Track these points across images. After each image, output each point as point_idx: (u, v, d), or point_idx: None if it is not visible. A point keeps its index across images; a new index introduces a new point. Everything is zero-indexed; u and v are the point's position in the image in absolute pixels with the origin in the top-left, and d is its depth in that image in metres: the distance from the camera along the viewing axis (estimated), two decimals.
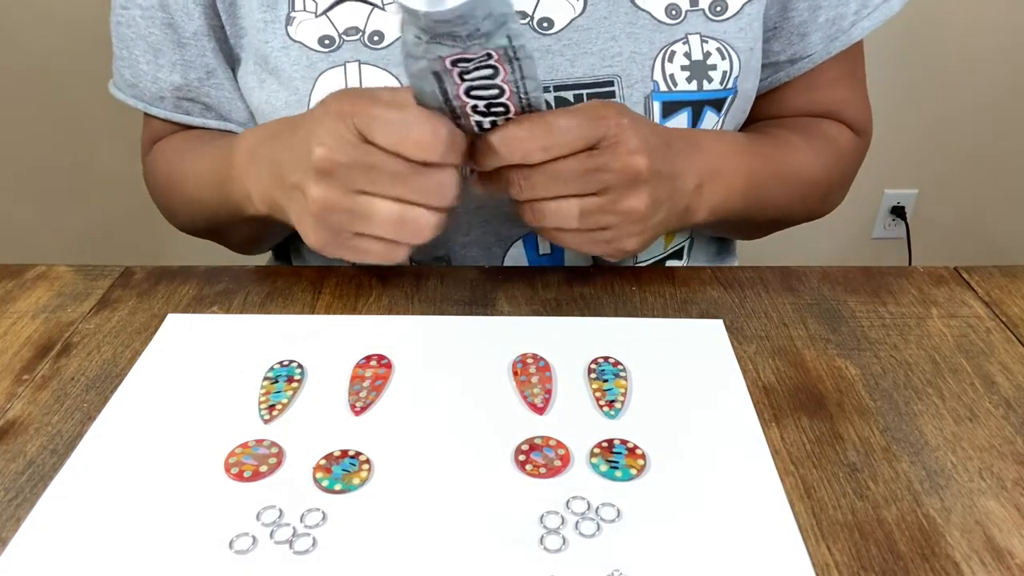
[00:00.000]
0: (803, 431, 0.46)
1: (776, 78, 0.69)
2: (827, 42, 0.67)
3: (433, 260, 0.67)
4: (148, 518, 0.40)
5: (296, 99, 0.61)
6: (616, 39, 0.60)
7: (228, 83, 0.67)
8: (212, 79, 0.67)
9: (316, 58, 0.60)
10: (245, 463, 0.43)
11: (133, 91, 0.69)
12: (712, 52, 0.62)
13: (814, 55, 0.67)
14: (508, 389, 0.49)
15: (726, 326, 0.54)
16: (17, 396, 0.48)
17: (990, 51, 1.79)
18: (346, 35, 0.60)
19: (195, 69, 0.66)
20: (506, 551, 0.38)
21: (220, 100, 0.68)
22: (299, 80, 0.61)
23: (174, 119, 0.69)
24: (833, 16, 0.66)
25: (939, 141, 1.91)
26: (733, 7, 0.62)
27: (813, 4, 0.65)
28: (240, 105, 0.68)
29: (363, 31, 0.60)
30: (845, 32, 0.66)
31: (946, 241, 2.04)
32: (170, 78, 0.67)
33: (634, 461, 0.43)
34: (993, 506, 0.41)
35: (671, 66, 0.61)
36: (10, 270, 0.61)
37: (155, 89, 0.68)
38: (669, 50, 0.61)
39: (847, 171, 0.73)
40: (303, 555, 0.38)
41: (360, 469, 0.43)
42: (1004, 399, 0.49)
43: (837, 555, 0.39)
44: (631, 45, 0.61)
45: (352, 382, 0.49)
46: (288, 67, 0.61)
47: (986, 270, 0.62)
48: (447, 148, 0.45)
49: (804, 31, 0.66)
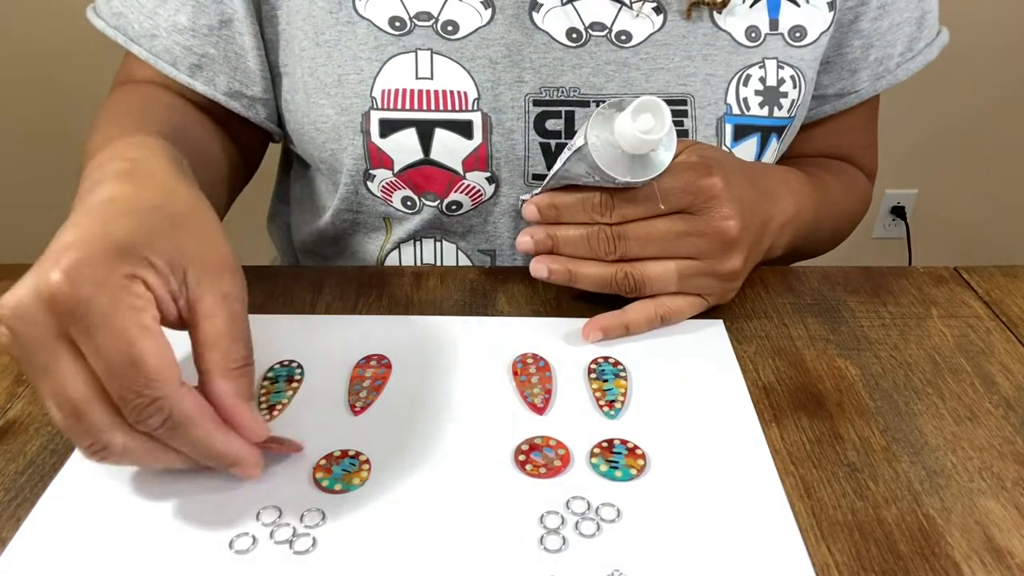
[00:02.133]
0: (803, 431, 0.46)
1: (821, 110, 0.71)
2: (874, 80, 0.69)
3: (479, 252, 0.67)
4: (148, 518, 0.40)
5: (358, 78, 0.59)
6: (692, 59, 0.61)
7: (246, 36, 0.61)
8: (225, 29, 0.61)
9: (386, 40, 0.59)
10: None
11: (118, 21, 0.62)
12: (786, 79, 0.63)
13: (861, 91, 0.69)
14: (508, 389, 0.49)
15: (726, 326, 0.54)
16: (17, 396, 0.48)
17: (990, 51, 1.79)
18: (418, 19, 0.59)
19: (208, 14, 0.60)
20: (506, 551, 0.38)
21: (227, 54, 0.62)
22: (364, 60, 0.59)
23: (158, 66, 0.62)
24: (882, 56, 0.67)
25: (939, 141, 1.91)
26: (812, 35, 0.63)
27: (866, 43, 0.67)
28: (250, 64, 0.62)
29: (436, 18, 0.59)
30: (891, 72, 0.68)
31: (946, 241, 2.04)
32: (174, 17, 0.60)
33: (634, 461, 0.43)
34: (993, 506, 0.41)
35: (745, 90, 0.62)
36: (10, 270, 0.61)
37: (148, 25, 0.61)
38: (745, 73, 0.61)
39: (860, 214, 0.77)
40: (303, 555, 0.38)
41: (360, 469, 0.43)
42: (1004, 399, 0.49)
43: (837, 555, 0.39)
44: (707, 67, 0.61)
45: (352, 382, 0.49)
46: (354, 44, 0.59)
47: (986, 270, 0.62)
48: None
49: (855, 67, 0.68)
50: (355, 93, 0.60)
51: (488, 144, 0.60)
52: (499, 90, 0.60)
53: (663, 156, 0.48)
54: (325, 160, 0.64)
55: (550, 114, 0.61)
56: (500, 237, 0.65)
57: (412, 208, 0.64)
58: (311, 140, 0.64)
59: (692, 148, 0.51)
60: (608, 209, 0.50)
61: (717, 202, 0.50)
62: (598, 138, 0.47)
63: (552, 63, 0.60)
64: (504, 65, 0.60)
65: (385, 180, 0.62)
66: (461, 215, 0.64)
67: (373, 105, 0.59)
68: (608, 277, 0.52)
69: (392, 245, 0.68)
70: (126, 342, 0.35)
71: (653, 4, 0.60)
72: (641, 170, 0.47)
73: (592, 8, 0.60)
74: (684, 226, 0.50)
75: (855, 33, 0.66)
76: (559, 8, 0.60)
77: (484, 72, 0.59)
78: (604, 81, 0.60)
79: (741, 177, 0.52)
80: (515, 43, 0.60)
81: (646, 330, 0.53)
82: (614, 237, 0.51)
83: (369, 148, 0.61)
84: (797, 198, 0.60)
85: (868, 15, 0.65)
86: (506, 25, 0.60)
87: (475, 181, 0.62)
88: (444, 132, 0.60)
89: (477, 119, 0.60)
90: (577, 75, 0.60)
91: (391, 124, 0.60)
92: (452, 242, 0.67)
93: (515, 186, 0.62)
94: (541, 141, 0.61)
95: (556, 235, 0.52)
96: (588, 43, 0.60)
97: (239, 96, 0.64)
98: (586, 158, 0.47)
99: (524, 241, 0.53)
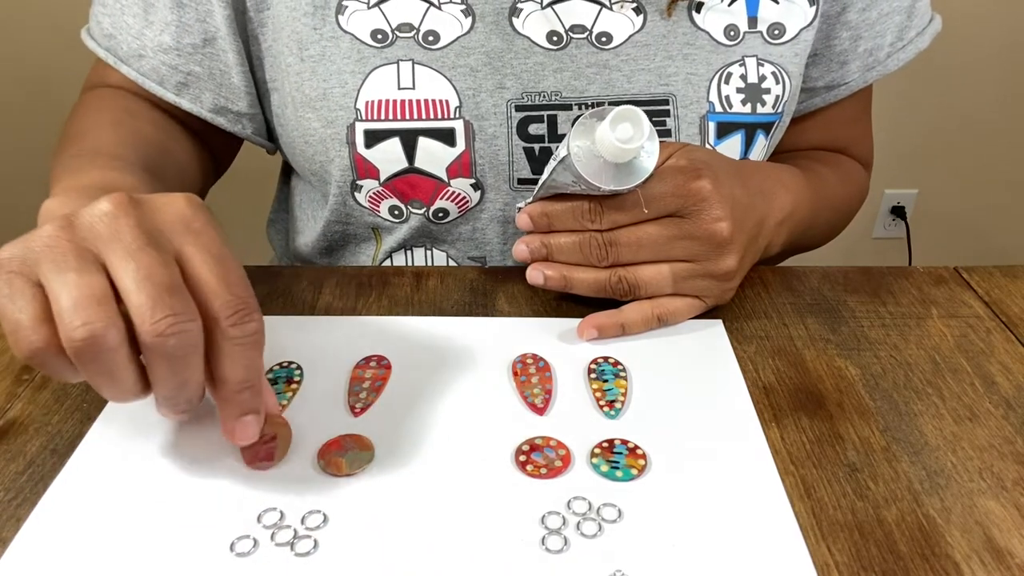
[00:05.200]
0: (803, 431, 0.46)
1: (811, 103, 0.71)
2: (864, 71, 0.68)
3: (469, 259, 0.67)
4: (149, 520, 0.40)
5: (342, 91, 0.60)
6: (673, 58, 0.61)
7: (229, 53, 0.62)
8: (208, 47, 0.62)
9: (368, 52, 0.59)
10: None
11: (109, 43, 0.64)
12: (767, 76, 0.63)
13: (851, 83, 0.69)
14: (508, 389, 0.49)
15: (726, 326, 0.54)
16: (17, 396, 0.48)
17: (990, 52, 1.79)
18: (399, 31, 0.59)
19: (191, 34, 0.61)
20: (508, 552, 0.38)
21: (212, 72, 0.63)
22: (348, 74, 0.60)
23: (146, 86, 0.63)
24: (871, 47, 0.67)
25: (939, 141, 1.91)
26: (791, 32, 0.63)
27: (855, 34, 0.66)
28: (234, 81, 0.63)
29: (418, 29, 0.59)
30: (881, 63, 0.68)
31: (946, 241, 2.04)
32: (158, 38, 0.62)
33: (635, 461, 0.43)
34: (993, 506, 0.41)
35: (727, 87, 0.62)
36: None
37: (136, 46, 0.62)
38: (726, 72, 0.61)
39: (858, 204, 0.77)
40: (304, 557, 0.38)
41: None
42: (1004, 399, 0.49)
43: (837, 555, 0.39)
44: (687, 66, 0.61)
45: (352, 383, 0.49)
46: (338, 58, 0.60)
47: (986, 270, 0.62)
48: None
49: (844, 59, 0.68)
50: (340, 106, 0.60)
51: (471, 151, 0.61)
52: (480, 97, 0.60)
53: (647, 162, 0.48)
54: (315, 172, 0.65)
55: (532, 119, 0.61)
56: (489, 243, 0.66)
57: (400, 217, 0.64)
58: (301, 153, 0.65)
59: (681, 152, 0.51)
60: (597, 216, 0.51)
61: (707, 204, 0.50)
62: (580, 148, 0.47)
63: (533, 68, 0.60)
64: (485, 72, 0.60)
65: (372, 190, 0.63)
66: (449, 223, 0.64)
67: (358, 117, 0.60)
68: (603, 282, 0.52)
69: (383, 255, 0.68)
70: (222, 246, 0.38)
71: (633, 4, 0.60)
72: (625, 177, 0.48)
73: (572, 10, 0.60)
74: (675, 230, 0.50)
75: (843, 25, 0.66)
76: (539, 12, 0.60)
77: (464, 80, 0.60)
78: (586, 84, 0.61)
79: (732, 178, 0.52)
80: (495, 50, 0.60)
81: (642, 330, 0.53)
82: (606, 244, 0.51)
83: (355, 159, 0.61)
84: (793, 195, 0.60)
85: (856, 5, 0.65)
86: (486, 32, 0.60)
87: (460, 188, 0.62)
88: (427, 140, 0.60)
89: (459, 126, 0.60)
90: (558, 79, 0.61)
91: (375, 134, 0.60)
92: (442, 250, 0.67)
93: (500, 192, 0.63)
94: (524, 146, 0.61)
95: (550, 243, 0.53)
96: (569, 46, 0.60)
97: (224, 112, 0.65)
98: (570, 168, 0.47)
99: (520, 250, 0.53)
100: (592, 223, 0.51)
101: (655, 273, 0.52)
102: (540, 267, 0.53)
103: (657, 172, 0.49)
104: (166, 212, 0.39)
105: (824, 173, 0.70)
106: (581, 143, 0.47)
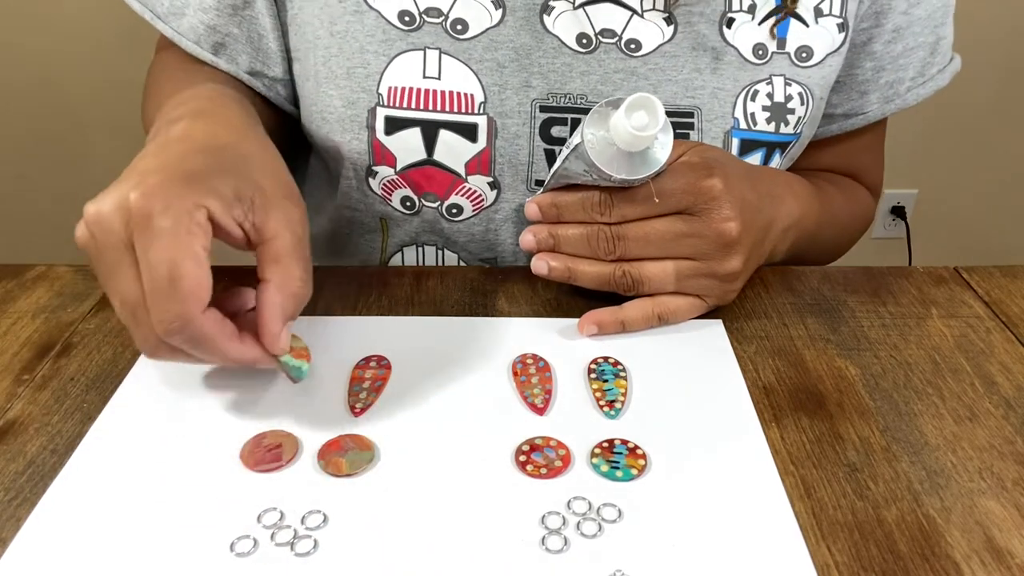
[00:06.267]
0: (803, 431, 0.46)
1: (828, 129, 0.71)
2: (883, 103, 0.69)
3: (479, 261, 0.67)
4: (148, 520, 0.40)
5: (365, 72, 0.59)
6: (701, 72, 0.60)
7: (266, 18, 0.62)
8: (247, 9, 0.62)
9: (394, 35, 0.59)
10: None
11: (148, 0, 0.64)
12: (794, 96, 0.62)
13: (869, 113, 0.69)
14: (508, 389, 0.49)
15: (726, 326, 0.54)
16: (17, 396, 0.48)
17: (990, 51, 1.79)
18: (427, 15, 0.59)
19: None
20: (508, 552, 0.38)
21: (249, 35, 0.63)
22: (371, 54, 0.59)
23: (182, 44, 0.63)
24: (893, 80, 0.67)
25: (939, 141, 1.91)
26: (817, 56, 0.63)
27: (878, 65, 0.67)
28: (270, 45, 0.63)
29: (446, 15, 0.59)
30: (901, 96, 0.68)
31: (946, 241, 2.04)
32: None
33: (635, 461, 0.43)
34: (993, 506, 0.41)
35: (753, 105, 0.61)
36: (10, 270, 0.61)
37: (178, 3, 0.62)
38: (752, 88, 0.61)
39: (862, 227, 0.77)
40: (304, 557, 0.38)
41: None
42: (1004, 399, 0.49)
43: (837, 555, 0.39)
44: (715, 80, 0.61)
45: (352, 383, 0.49)
46: (361, 35, 0.59)
47: (986, 270, 0.62)
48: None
49: (865, 89, 0.68)
50: (362, 88, 0.59)
51: (492, 148, 0.60)
52: (506, 94, 0.60)
53: (659, 154, 0.48)
54: (328, 150, 0.64)
55: (556, 120, 0.60)
56: (502, 244, 0.65)
57: (411, 209, 0.64)
58: (316, 129, 0.64)
59: (694, 149, 0.51)
60: (607, 208, 0.50)
61: (717, 203, 0.50)
62: (594, 136, 0.47)
63: (560, 69, 0.60)
64: (512, 69, 0.59)
65: (386, 178, 0.62)
66: (462, 221, 0.64)
67: (380, 101, 0.59)
68: (607, 275, 0.52)
69: (392, 249, 0.67)
70: (172, 261, 0.39)
71: (664, 14, 0.60)
72: (638, 167, 0.47)
73: (604, 14, 0.60)
74: (684, 227, 0.50)
75: (867, 55, 0.66)
76: (570, 12, 0.59)
77: (491, 75, 0.59)
78: (612, 89, 0.60)
79: (743, 179, 0.52)
80: (524, 46, 0.59)
81: (643, 328, 0.53)
82: (613, 237, 0.51)
83: (373, 144, 0.61)
84: (801, 203, 0.60)
85: (882, 38, 0.65)
86: (516, 27, 0.59)
87: (476, 185, 0.62)
88: (448, 133, 0.60)
89: (482, 123, 0.60)
90: (585, 82, 0.60)
91: (396, 122, 0.60)
92: (454, 252, 0.67)
93: (517, 192, 0.62)
94: (546, 147, 0.61)
95: (557, 234, 0.53)
96: (598, 50, 0.60)
97: (260, 76, 0.65)
98: (583, 156, 0.47)
99: (527, 239, 0.54)
100: (601, 215, 0.51)
101: (659, 269, 0.52)
102: (545, 257, 0.53)
103: (669, 168, 0.49)
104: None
105: (831, 192, 0.70)
106: (595, 131, 0.47)
